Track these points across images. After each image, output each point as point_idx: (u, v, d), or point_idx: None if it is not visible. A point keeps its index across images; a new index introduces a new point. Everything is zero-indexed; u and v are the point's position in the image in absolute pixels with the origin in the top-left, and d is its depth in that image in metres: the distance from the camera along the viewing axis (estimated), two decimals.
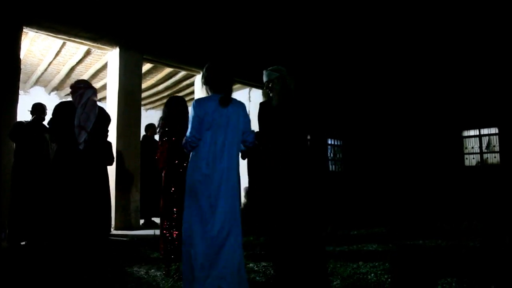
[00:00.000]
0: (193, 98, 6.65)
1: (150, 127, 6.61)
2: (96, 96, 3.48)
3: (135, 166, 6.00)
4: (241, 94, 9.41)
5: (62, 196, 3.26)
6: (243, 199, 9.00)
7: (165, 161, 3.44)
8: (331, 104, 10.55)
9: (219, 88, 2.59)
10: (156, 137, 6.64)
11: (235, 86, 8.88)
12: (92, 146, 3.29)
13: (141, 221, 6.17)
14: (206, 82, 2.64)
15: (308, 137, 3.36)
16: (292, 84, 3.15)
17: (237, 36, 7.97)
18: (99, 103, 3.59)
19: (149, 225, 6.11)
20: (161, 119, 3.62)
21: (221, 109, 2.51)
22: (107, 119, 3.59)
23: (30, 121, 4.49)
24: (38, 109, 4.59)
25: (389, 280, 3.09)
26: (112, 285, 2.91)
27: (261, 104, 3.19)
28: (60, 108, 3.30)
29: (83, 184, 3.32)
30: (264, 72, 3.14)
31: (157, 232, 4.87)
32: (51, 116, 3.33)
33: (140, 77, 6.36)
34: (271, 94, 3.15)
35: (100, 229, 3.73)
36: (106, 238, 4.12)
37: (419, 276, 3.21)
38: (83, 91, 3.32)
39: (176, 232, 3.29)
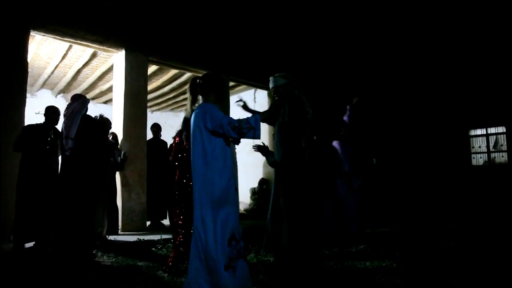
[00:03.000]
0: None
1: (154, 127, 6.61)
2: (82, 105, 3.75)
3: (141, 168, 6.02)
4: (246, 95, 9.42)
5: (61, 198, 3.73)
6: (248, 200, 9.00)
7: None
8: (337, 103, 10.51)
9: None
10: (165, 138, 6.69)
11: (237, 88, 8.89)
12: (80, 151, 3.65)
13: (148, 223, 6.18)
14: None
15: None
16: (296, 90, 3.23)
17: (242, 37, 7.97)
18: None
19: (157, 227, 6.11)
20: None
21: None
22: (94, 124, 3.92)
23: (42, 124, 4.42)
24: (54, 112, 4.45)
25: (397, 280, 3.07)
26: (119, 285, 2.92)
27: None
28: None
29: (70, 187, 3.68)
30: (271, 78, 3.23)
31: (164, 236, 4.91)
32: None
33: (145, 79, 6.39)
34: (276, 99, 3.23)
35: (82, 231, 3.78)
36: (91, 241, 4.05)
37: (428, 276, 3.19)
38: (69, 105, 3.72)
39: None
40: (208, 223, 2.41)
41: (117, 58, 6.20)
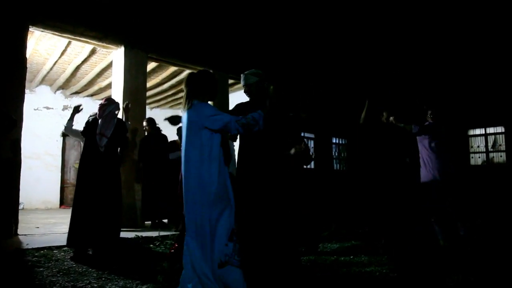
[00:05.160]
0: None
1: (149, 123, 6.19)
2: (117, 109, 4.11)
3: (140, 165, 6.01)
4: (243, 93, 9.39)
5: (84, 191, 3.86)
6: None
7: None
8: (335, 103, 10.52)
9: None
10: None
11: (236, 86, 8.87)
12: (112, 148, 3.99)
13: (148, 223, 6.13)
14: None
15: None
16: (269, 88, 3.20)
17: (242, 35, 7.96)
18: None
19: (156, 226, 5.99)
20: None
21: (185, 115, 2.64)
22: (125, 129, 4.27)
23: None
24: None
25: (396, 277, 3.08)
26: (117, 280, 2.92)
27: (237, 105, 3.23)
28: (88, 121, 4.07)
29: (102, 181, 3.88)
30: (242, 75, 3.19)
31: (162, 233, 4.90)
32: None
33: (145, 76, 6.38)
34: (249, 98, 3.21)
35: (112, 226, 3.92)
36: (118, 235, 4.16)
37: (427, 273, 3.20)
38: (107, 106, 4.00)
39: None
40: (205, 222, 2.44)
41: (116, 55, 6.19)
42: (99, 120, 3.96)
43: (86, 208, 3.79)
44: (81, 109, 4.24)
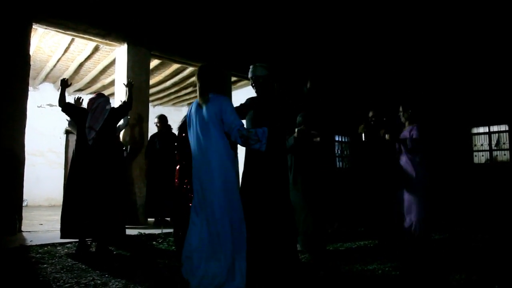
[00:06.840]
0: None
1: (160, 120, 6.26)
2: (106, 102, 4.08)
3: (143, 162, 6.03)
4: (246, 91, 9.38)
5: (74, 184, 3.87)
6: None
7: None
8: (338, 100, 10.49)
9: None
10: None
11: (239, 84, 8.86)
12: (100, 142, 3.94)
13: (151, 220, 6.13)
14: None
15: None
16: (274, 86, 3.19)
17: (244, 32, 7.94)
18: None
19: (159, 223, 5.90)
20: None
21: (199, 109, 2.62)
22: (117, 114, 4.20)
23: None
24: None
25: (398, 276, 3.08)
26: (119, 278, 2.93)
27: (248, 99, 3.23)
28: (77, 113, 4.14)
29: (93, 174, 3.85)
30: (251, 67, 3.15)
31: (165, 230, 4.91)
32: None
33: (148, 73, 6.38)
34: (255, 92, 3.18)
35: (111, 219, 3.90)
36: (120, 231, 4.16)
37: (429, 272, 3.19)
38: (95, 100, 4.03)
39: None
40: (223, 210, 2.49)
41: (119, 52, 6.20)
42: (89, 114, 3.98)
43: (77, 200, 3.78)
44: (70, 83, 4.22)
